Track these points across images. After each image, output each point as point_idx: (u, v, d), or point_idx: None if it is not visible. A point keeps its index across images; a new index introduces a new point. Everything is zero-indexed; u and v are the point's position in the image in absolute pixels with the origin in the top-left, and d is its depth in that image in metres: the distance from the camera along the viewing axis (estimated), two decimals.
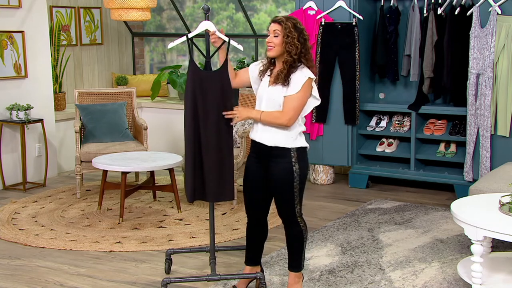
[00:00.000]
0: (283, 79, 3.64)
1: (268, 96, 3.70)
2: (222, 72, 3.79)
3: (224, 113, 3.75)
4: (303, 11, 6.53)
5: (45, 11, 7.01)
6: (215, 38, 3.87)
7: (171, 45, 4.00)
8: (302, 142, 3.73)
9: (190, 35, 3.92)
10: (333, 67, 6.51)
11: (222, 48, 3.86)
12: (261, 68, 3.82)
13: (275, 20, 3.68)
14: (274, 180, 3.72)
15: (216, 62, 4.09)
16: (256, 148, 3.78)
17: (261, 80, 3.80)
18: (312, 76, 3.66)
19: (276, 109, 3.68)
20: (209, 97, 3.76)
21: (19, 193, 6.55)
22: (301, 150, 3.72)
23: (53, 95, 7.20)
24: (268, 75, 3.76)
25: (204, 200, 3.88)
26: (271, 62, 3.79)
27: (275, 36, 3.66)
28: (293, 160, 3.68)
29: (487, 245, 4.30)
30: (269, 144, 3.70)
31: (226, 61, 3.79)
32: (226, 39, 3.85)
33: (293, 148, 3.69)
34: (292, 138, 3.69)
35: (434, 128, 6.40)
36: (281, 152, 3.68)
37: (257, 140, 3.75)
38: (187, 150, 3.81)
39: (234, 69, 4.06)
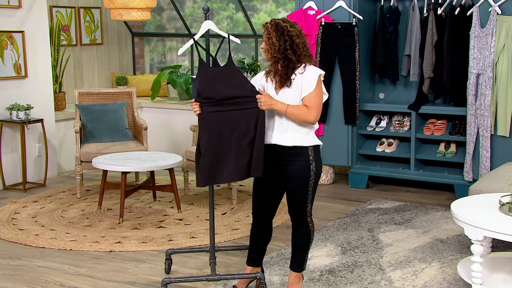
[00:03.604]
0: (283, 81, 3.65)
1: (280, 99, 3.68)
2: (231, 65, 3.73)
3: (257, 96, 3.64)
4: (303, 11, 6.53)
5: (45, 11, 7.01)
6: None
7: (181, 51, 3.95)
8: (317, 140, 3.75)
9: (196, 37, 3.90)
10: (333, 67, 6.51)
11: None
12: (264, 76, 3.79)
13: (262, 25, 3.73)
14: (291, 179, 3.71)
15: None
16: (269, 151, 3.72)
17: (266, 81, 3.76)
18: (322, 72, 3.69)
19: None
20: (227, 90, 3.67)
21: (19, 193, 6.55)
22: (316, 148, 3.74)
23: (53, 95, 7.20)
24: (271, 79, 3.73)
25: (237, 179, 3.77)
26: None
27: (263, 41, 3.71)
28: (310, 158, 3.69)
29: (487, 245, 4.30)
30: (288, 145, 3.69)
31: (229, 56, 3.73)
32: (225, 35, 3.86)
33: (310, 146, 3.70)
34: (310, 136, 3.71)
35: (434, 128, 6.40)
36: (298, 151, 3.68)
37: (273, 143, 3.71)
38: (213, 143, 3.67)
39: None
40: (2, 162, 6.65)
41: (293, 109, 3.65)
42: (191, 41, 3.93)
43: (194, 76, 4.04)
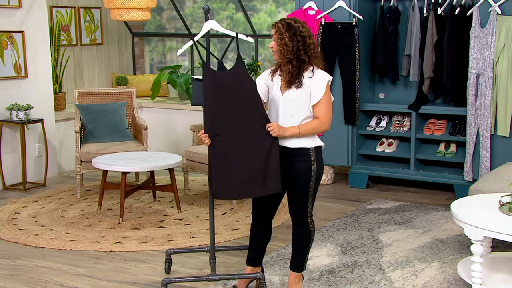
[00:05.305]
0: (293, 81, 3.63)
1: (285, 99, 3.67)
2: (239, 69, 3.67)
3: (268, 125, 3.61)
4: (303, 11, 6.53)
5: (45, 11, 7.01)
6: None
7: (180, 51, 3.95)
8: (319, 142, 3.76)
9: (196, 38, 3.85)
10: (333, 67, 6.51)
11: None
12: (270, 74, 3.77)
13: (272, 25, 3.70)
14: (292, 179, 3.72)
15: (215, 63, 4.02)
16: None
17: (272, 80, 3.75)
18: (330, 78, 3.69)
19: (296, 112, 3.67)
20: (234, 98, 3.62)
21: (19, 193, 6.55)
22: (318, 149, 3.75)
23: (53, 95, 7.20)
24: (279, 75, 3.72)
25: (253, 196, 3.76)
26: (280, 65, 3.75)
27: (273, 40, 3.68)
28: (312, 159, 3.70)
29: (487, 245, 4.30)
30: (291, 146, 3.69)
31: (239, 57, 3.69)
32: (233, 34, 3.79)
33: (312, 147, 3.71)
34: (312, 138, 3.72)
35: (434, 128, 6.41)
36: (301, 152, 3.69)
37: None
38: (221, 154, 3.66)
39: None
40: (2, 162, 6.65)
41: (306, 128, 3.65)
42: (190, 42, 3.89)
43: (194, 76, 4.01)
